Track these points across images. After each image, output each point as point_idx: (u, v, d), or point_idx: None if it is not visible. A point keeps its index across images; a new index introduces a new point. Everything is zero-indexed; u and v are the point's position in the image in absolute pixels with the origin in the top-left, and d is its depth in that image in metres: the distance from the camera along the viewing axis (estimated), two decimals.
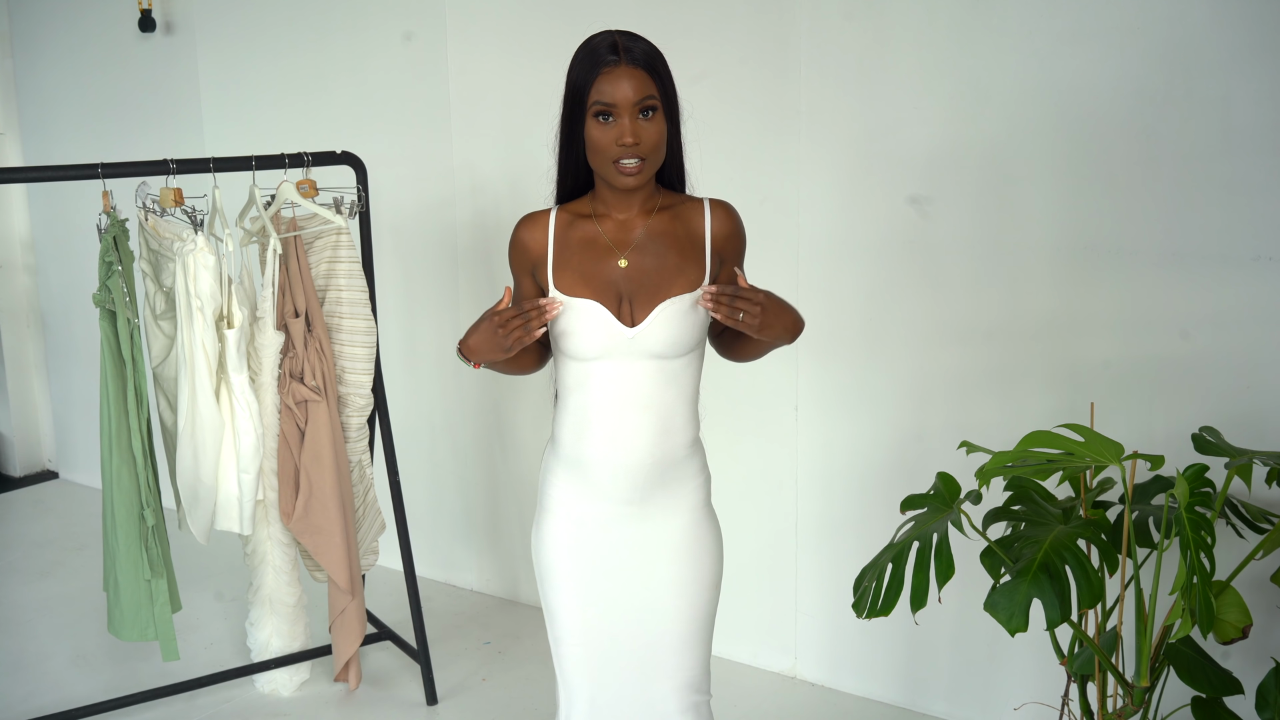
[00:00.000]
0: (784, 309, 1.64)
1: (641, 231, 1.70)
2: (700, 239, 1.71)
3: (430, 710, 2.83)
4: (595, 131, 1.62)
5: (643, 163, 1.62)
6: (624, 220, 1.72)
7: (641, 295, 1.67)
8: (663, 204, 1.74)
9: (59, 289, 4.62)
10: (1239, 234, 2.15)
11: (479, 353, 1.67)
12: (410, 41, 3.32)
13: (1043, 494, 1.92)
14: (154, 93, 4.06)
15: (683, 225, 1.72)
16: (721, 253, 1.74)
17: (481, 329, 1.65)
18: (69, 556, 3.93)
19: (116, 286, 2.44)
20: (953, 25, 2.41)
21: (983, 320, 2.48)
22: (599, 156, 1.62)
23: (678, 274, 1.68)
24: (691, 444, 1.76)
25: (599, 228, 1.71)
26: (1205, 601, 1.59)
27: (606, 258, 1.69)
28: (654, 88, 1.62)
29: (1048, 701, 2.45)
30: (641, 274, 1.67)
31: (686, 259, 1.70)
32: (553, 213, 1.74)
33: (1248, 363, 2.18)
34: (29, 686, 2.99)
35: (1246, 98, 2.10)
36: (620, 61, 1.61)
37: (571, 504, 1.75)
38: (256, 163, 2.55)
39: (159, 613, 2.55)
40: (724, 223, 1.74)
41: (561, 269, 1.70)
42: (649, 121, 1.61)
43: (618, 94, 1.59)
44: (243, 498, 2.56)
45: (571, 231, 1.72)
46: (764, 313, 1.60)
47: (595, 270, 1.68)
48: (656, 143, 1.63)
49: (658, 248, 1.69)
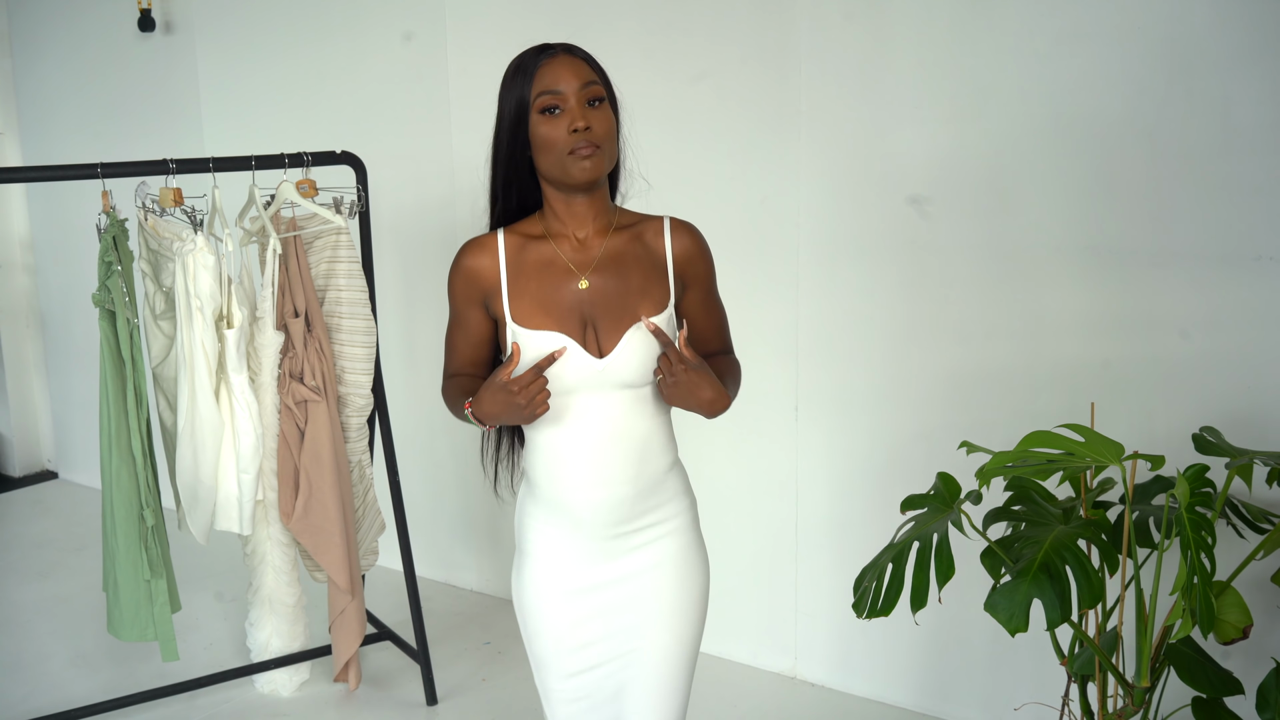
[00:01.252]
0: (697, 389, 1.54)
1: (601, 250, 1.60)
2: (661, 260, 1.62)
3: (430, 710, 2.83)
4: (544, 127, 1.52)
5: (598, 150, 1.53)
6: (582, 239, 1.61)
7: (606, 319, 1.57)
8: (620, 222, 1.64)
9: (58, 289, 4.62)
10: (1239, 234, 2.15)
11: (500, 418, 1.55)
12: (410, 41, 3.31)
13: (1043, 494, 1.92)
14: (153, 92, 4.06)
15: (642, 245, 1.63)
16: (684, 275, 1.65)
17: (498, 400, 1.53)
18: (68, 557, 3.93)
19: (116, 286, 2.43)
20: (953, 25, 2.41)
21: (983, 320, 2.48)
22: (551, 154, 1.53)
23: (642, 295, 1.59)
24: (670, 467, 1.67)
25: (555, 248, 1.60)
26: (1206, 602, 1.59)
27: (566, 280, 1.58)
28: (596, 76, 1.56)
29: (1048, 702, 2.44)
30: (605, 296, 1.57)
31: (650, 280, 1.61)
32: (500, 235, 1.63)
33: (1248, 363, 2.18)
34: (28, 687, 2.99)
35: (1246, 98, 2.10)
36: (558, 52, 1.55)
37: (553, 545, 1.65)
38: (256, 162, 2.55)
39: (158, 613, 2.55)
40: (686, 243, 1.64)
41: (518, 297, 1.59)
42: (598, 110, 1.53)
43: (562, 80, 1.52)
44: (242, 498, 2.56)
45: (525, 254, 1.60)
46: (675, 386, 1.53)
47: (555, 295, 1.57)
48: (608, 131, 1.54)
49: (619, 268, 1.59)
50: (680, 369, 1.52)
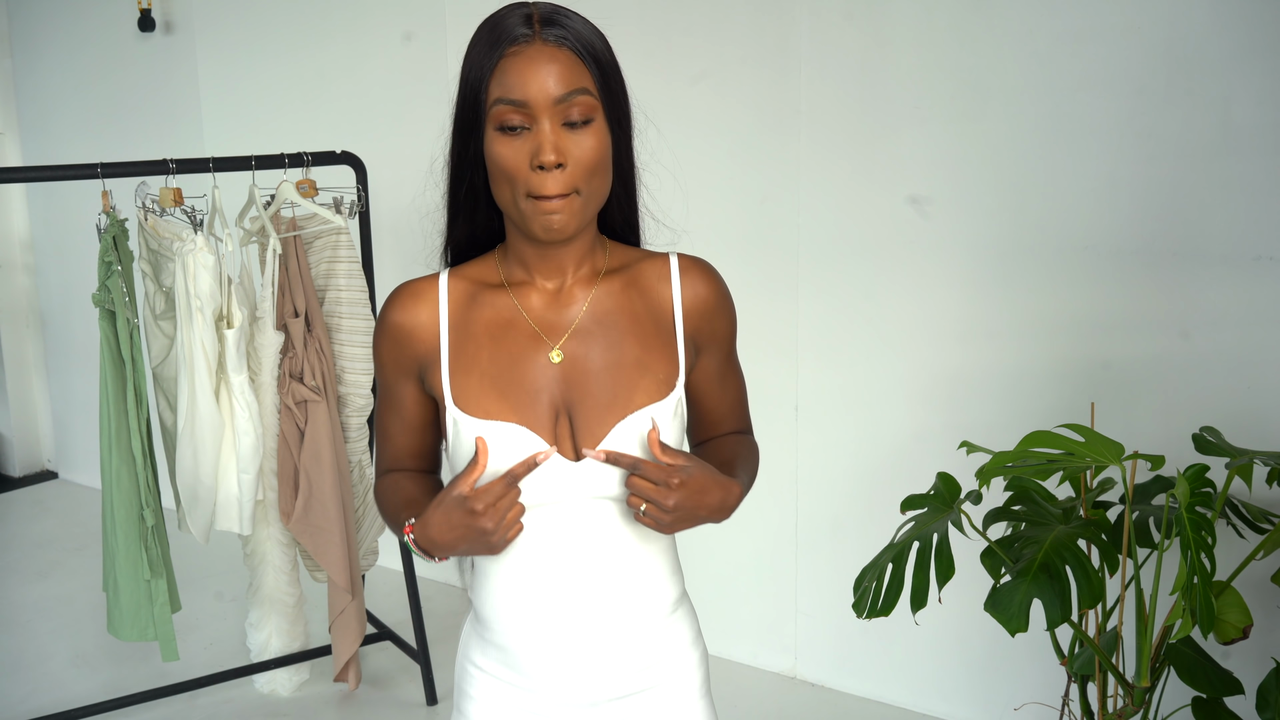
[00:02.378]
0: (702, 497, 1.10)
1: (583, 307, 1.16)
2: (668, 316, 1.18)
3: (430, 710, 2.82)
4: (498, 148, 1.07)
5: (573, 197, 1.07)
6: (554, 291, 1.17)
7: (587, 405, 1.12)
8: (612, 265, 1.19)
9: (58, 289, 4.62)
10: (1240, 234, 2.15)
11: (455, 548, 1.09)
12: (410, 41, 3.31)
13: (1043, 494, 1.92)
14: (153, 92, 4.06)
15: (641, 296, 1.18)
16: (697, 336, 1.20)
17: (456, 522, 1.07)
18: (68, 557, 3.93)
19: (116, 286, 2.43)
20: (953, 25, 2.41)
21: (983, 320, 2.48)
22: (505, 187, 1.09)
23: (640, 371, 1.14)
24: (674, 607, 1.22)
25: (516, 302, 1.16)
26: (1206, 601, 1.59)
27: (531, 350, 1.14)
28: (588, 79, 1.08)
29: (1048, 702, 2.44)
30: (585, 374, 1.13)
31: (650, 348, 1.16)
32: (443, 280, 1.18)
33: (1248, 362, 2.18)
34: (28, 687, 2.99)
35: (1247, 97, 2.10)
36: (534, 38, 1.06)
37: (502, 708, 1.20)
38: (256, 162, 2.55)
39: (158, 613, 2.55)
40: (701, 291, 1.20)
41: (463, 371, 1.14)
42: (582, 132, 1.07)
43: (531, 86, 1.05)
44: (242, 498, 2.56)
45: (475, 310, 1.16)
46: (674, 513, 1.09)
47: (515, 371, 1.13)
48: (593, 163, 1.08)
49: (608, 330, 1.15)
50: (675, 485, 1.08)
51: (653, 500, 1.08)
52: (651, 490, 1.08)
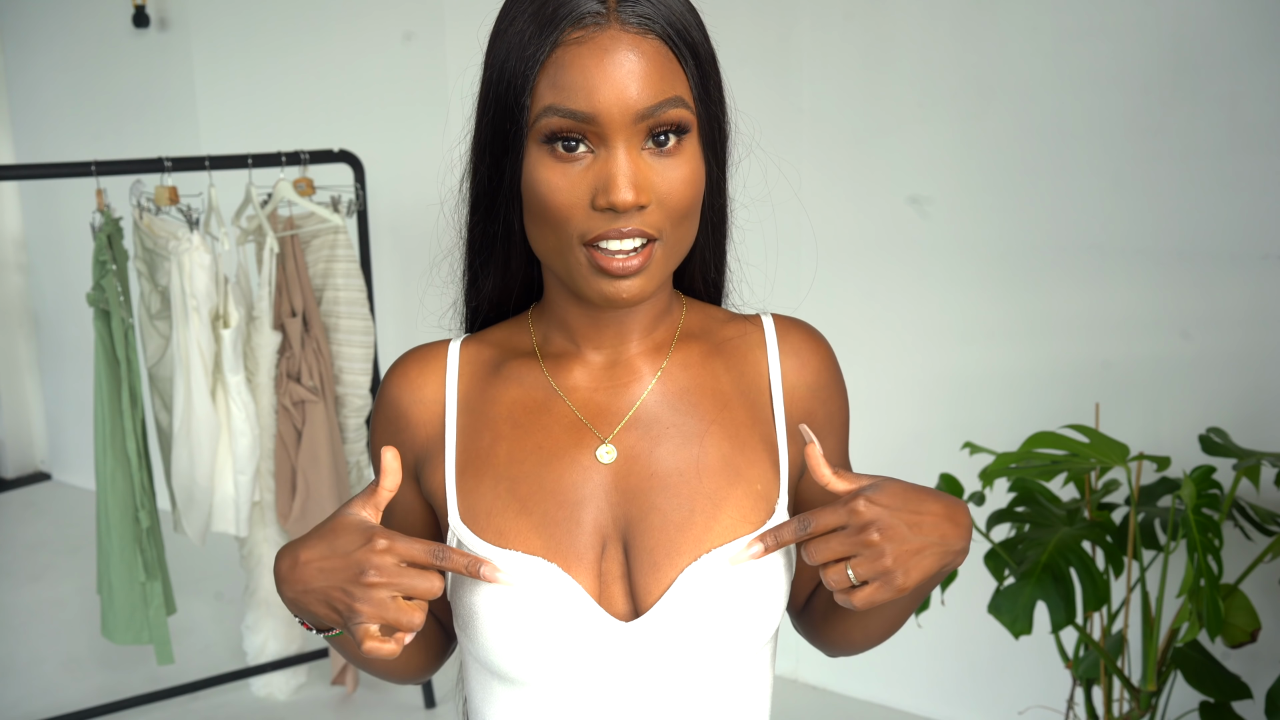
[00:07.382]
0: (923, 505, 0.75)
1: (649, 384, 0.84)
2: (763, 397, 0.87)
3: (429, 713, 2.81)
4: (544, 173, 0.76)
5: (652, 248, 0.77)
6: (607, 364, 0.85)
7: (649, 536, 0.80)
8: (690, 328, 0.89)
9: (52, 288, 4.60)
10: (1246, 232, 2.13)
11: (300, 603, 0.76)
12: (410, 41, 3.30)
13: (1047, 495, 1.90)
14: (148, 90, 4.04)
15: (728, 372, 0.87)
16: (804, 422, 0.88)
17: (338, 546, 0.74)
18: (62, 559, 3.91)
19: (111, 286, 2.42)
20: (955, 23, 2.39)
21: (985, 320, 2.47)
22: (548, 232, 0.78)
23: (730, 478, 0.82)
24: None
25: (550, 380, 0.85)
26: (1213, 604, 1.58)
27: (570, 446, 0.82)
28: (683, 83, 0.77)
29: (1052, 705, 2.43)
30: (649, 482, 0.81)
31: (744, 445, 0.84)
32: (454, 348, 0.89)
33: (1255, 362, 2.16)
34: (21, 691, 2.97)
35: (1254, 95, 2.09)
36: (608, 18, 0.75)
37: None
38: (253, 161, 2.54)
39: (154, 616, 2.53)
40: (810, 361, 0.90)
41: (473, 473, 0.83)
42: (671, 159, 0.77)
43: (602, 91, 0.74)
44: (239, 499, 2.55)
45: (496, 387, 0.86)
46: (896, 552, 0.72)
47: (547, 475, 0.81)
48: (684, 204, 0.77)
49: (683, 421, 0.83)
50: (868, 512, 0.72)
51: (856, 553, 0.71)
52: (846, 542, 0.71)
